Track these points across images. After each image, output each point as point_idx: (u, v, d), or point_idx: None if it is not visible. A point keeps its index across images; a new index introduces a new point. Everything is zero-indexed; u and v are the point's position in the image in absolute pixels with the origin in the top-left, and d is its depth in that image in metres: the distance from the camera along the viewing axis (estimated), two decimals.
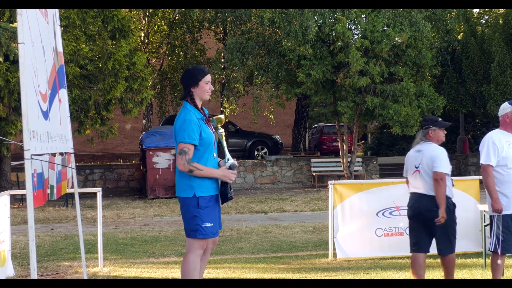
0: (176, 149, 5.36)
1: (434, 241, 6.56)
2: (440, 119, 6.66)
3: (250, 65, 21.71)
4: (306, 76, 19.71)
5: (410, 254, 6.60)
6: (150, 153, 19.18)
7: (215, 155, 5.46)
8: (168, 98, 27.55)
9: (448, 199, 6.34)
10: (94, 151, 28.41)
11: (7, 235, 7.77)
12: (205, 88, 5.42)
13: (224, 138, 5.62)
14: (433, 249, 8.89)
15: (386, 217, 8.88)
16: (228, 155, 5.53)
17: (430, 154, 6.38)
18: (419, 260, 6.51)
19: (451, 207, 6.38)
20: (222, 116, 5.69)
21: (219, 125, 5.61)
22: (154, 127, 24.24)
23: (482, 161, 6.23)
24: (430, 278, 7.27)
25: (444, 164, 6.31)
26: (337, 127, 22.65)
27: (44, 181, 5.15)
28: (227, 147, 5.61)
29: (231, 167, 5.47)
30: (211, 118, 5.58)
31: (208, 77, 5.43)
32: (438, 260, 8.37)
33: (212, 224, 5.31)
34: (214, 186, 5.36)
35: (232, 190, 5.48)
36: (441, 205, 6.24)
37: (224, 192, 5.43)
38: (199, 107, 5.44)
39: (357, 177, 22.18)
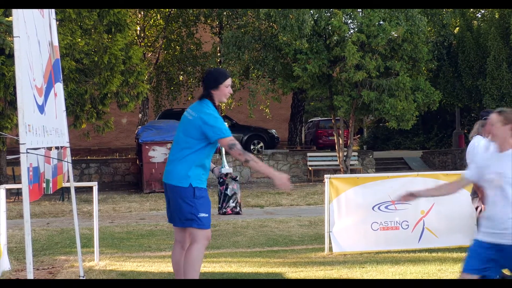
0: (192, 146, 5.42)
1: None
2: None
3: (246, 59, 21.69)
4: (302, 70, 19.71)
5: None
6: (146, 147, 19.17)
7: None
8: (164, 92, 27.53)
9: None
10: (90, 145, 28.40)
11: (3, 229, 7.76)
12: (225, 91, 5.53)
13: None
14: (431, 243, 8.94)
15: (382, 211, 8.89)
16: (225, 162, 5.65)
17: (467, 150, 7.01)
18: None
19: None
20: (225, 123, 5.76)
21: None
22: (150, 121, 24.22)
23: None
24: (426, 272, 7.29)
25: (469, 157, 6.78)
26: (333, 121, 22.66)
27: (40, 175, 5.14)
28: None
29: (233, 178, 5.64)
30: None
31: (228, 81, 5.54)
32: (434, 254, 8.41)
33: (207, 215, 5.38)
34: (205, 178, 5.50)
35: (240, 206, 5.61)
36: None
37: (226, 200, 5.54)
38: (216, 106, 5.57)
39: (353, 171, 22.20)
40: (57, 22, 7.30)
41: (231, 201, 5.55)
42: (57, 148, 6.18)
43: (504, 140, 4.75)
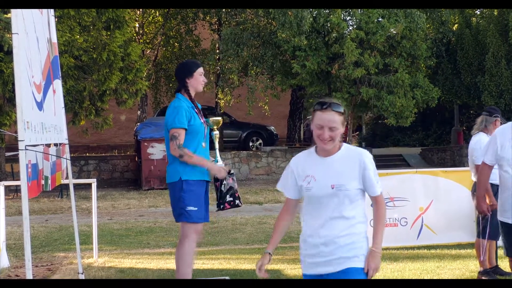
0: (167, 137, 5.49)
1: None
2: None
3: (245, 56, 21.68)
4: (301, 67, 19.70)
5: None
6: (145, 144, 19.16)
7: (204, 144, 5.56)
8: (163, 89, 27.49)
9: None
10: (89, 142, 28.36)
11: (2, 226, 7.76)
12: (199, 79, 5.64)
13: (217, 140, 5.75)
14: (430, 240, 8.95)
15: None
16: (218, 157, 5.68)
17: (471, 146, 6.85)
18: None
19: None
20: (219, 118, 5.81)
21: (215, 127, 5.74)
22: (149, 118, 24.19)
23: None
24: (425, 269, 7.30)
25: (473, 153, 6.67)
26: None
27: (39, 172, 5.14)
28: (222, 138, 5.70)
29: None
30: (206, 119, 5.70)
31: (201, 69, 5.68)
32: (432, 251, 8.42)
33: (196, 209, 5.39)
34: (201, 170, 5.47)
35: (238, 198, 5.64)
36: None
37: (222, 196, 5.56)
38: (193, 98, 5.62)
39: None
40: (56, 19, 7.29)
41: (227, 196, 5.54)
42: (55, 145, 6.18)
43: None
